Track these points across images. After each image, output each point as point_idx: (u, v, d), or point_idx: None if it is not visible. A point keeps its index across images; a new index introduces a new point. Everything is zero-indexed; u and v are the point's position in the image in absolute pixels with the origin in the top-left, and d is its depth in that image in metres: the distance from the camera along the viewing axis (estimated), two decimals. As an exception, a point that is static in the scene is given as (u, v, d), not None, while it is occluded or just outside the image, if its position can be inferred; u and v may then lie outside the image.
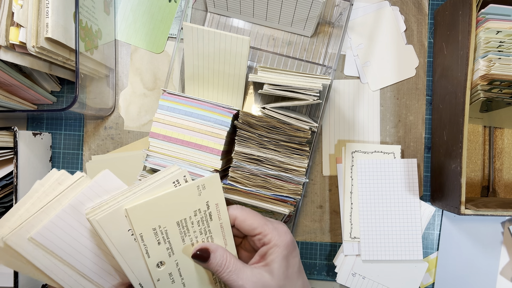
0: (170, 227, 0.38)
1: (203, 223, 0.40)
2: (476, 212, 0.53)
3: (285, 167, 0.51)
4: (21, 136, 0.57)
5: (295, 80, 0.49)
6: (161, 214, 0.37)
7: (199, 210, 0.39)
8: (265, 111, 0.51)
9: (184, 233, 0.39)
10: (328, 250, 0.66)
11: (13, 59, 0.51)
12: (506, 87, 0.55)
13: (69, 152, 0.66)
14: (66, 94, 0.66)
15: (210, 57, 0.56)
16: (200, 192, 0.38)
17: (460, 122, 0.53)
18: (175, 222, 0.38)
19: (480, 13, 0.54)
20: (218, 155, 0.50)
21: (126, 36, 0.66)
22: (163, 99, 0.51)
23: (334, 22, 0.64)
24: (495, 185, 0.66)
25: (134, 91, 0.66)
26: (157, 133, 0.51)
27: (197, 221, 0.39)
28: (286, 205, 0.51)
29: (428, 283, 0.65)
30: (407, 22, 0.66)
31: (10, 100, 0.59)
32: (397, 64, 0.66)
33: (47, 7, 0.48)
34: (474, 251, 0.64)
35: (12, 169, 0.57)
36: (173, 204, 0.38)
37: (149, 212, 0.37)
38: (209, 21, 0.65)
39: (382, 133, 0.66)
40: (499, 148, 0.65)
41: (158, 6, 0.66)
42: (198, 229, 0.40)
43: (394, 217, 0.62)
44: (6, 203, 0.59)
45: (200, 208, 0.39)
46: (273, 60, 0.65)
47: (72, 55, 0.55)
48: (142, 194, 0.37)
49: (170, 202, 0.37)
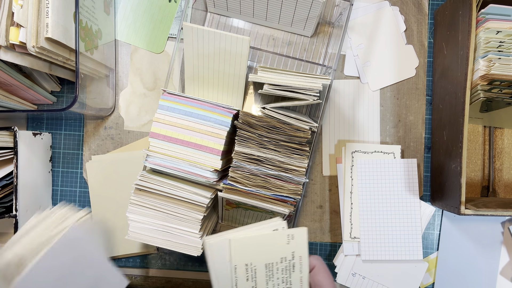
0: (259, 267, 0.43)
1: (286, 273, 0.44)
2: (476, 212, 0.53)
3: (285, 167, 0.51)
4: (21, 136, 0.57)
5: (295, 80, 0.49)
6: (255, 252, 0.43)
7: (285, 258, 0.43)
8: (265, 111, 0.51)
9: (269, 277, 0.44)
10: (328, 250, 0.66)
11: (13, 59, 0.51)
12: (506, 87, 0.55)
13: (69, 152, 0.66)
14: (66, 94, 0.66)
15: (210, 57, 0.56)
16: (288, 241, 0.43)
17: (460, 122, 0.53)
18: (264, 263, 0.43)
19: (480, 13, 0.54)
20: (218, 155, 0.50)
21: (126, 36, 0.66)
22: (163, 99, 0.51)
23: (334, 22, 0.64)
24: (495, 185, 0.66)
25: (134, 91, 0.66)
26: (157, 133, 0.51)
27: (282, 269, 0.44)
28: (286, 205, 0.51)
29: (428, 283, 0.65)
30: (407, 22, 0.66)
31: (10, 100, 0.59)
32: (397, 64, 0.66)
33: (47, 7, 0.48)
34: (474, 251, 0.64)
35: (12, 169, 0.57)
36: (266, 245, 0.43)
37: (247, 247, 0.42)
38: (209, 21, 0.65)
39: (382, 133, 0.66)
40: (499, 148, 0.65)
41: (158, 6, 0.66)
42: (281, 277, 0.44)
43: (394, 217, 0.62)
44: (6, 203, 0.59)
45: (286, 257, 0.43)
46: (273, 60, 0.65)
47: (72, 55, 0.55)
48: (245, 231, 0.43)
49: (265, 243, 0.42)
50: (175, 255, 0.66)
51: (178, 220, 0.52)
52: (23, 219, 0.57)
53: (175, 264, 0.66)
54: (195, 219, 0.52)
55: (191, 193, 0.51)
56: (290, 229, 0.43)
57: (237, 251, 0.42)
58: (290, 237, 0.43)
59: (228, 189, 0.51)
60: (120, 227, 0.64)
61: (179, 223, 0.52)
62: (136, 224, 0.53)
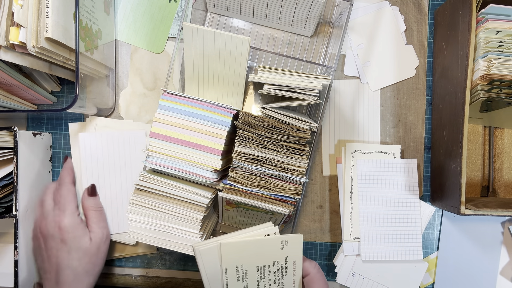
0: (250, 269, 0.44)
1: (279, 275, 0.45)
2: (476, 212, 0.53)
3: (285, 167, 0.51)
4: (21, 136, 0.57)
5: (295, 80, 0.49)
6: (246, 255, 0.44)
7: (278, 262, 0.44)
8: (265, 111, 0.51)
9: (260, 278, 0.44)
10: (328, 250, 0.66)
11: (13, 59, 0.51)
12: (506, 87, 0.55)
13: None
14: (66, 94, 0.66)
15: (210, 57, 0.56)
16: (282, 247, 0.44)
17: (460, 122, 0.53)
18: (256, 266, 0.44)
19: (480, 13, 0.54)
20: (218, 155, 0.50)
21: (126, 36, 0.66)
22: (163, 99, 0.51)
23: (334, 22, 0.64)
24: (495, 185, 0.66)
25: (134, 91, 0.66)
26: (157, 133, 0.51)
27: (274, 271, 0.45)
28: (286, 205, 0.51)
29: (428, 283, 0.65)
30: (407, 22, 0.66)
31: (10, 100, 0.59)
32: (397, 64, 0.66)
33: (47, 7, 0.48)
34: (474, 251, 0.64)
35: (12, 169, 0.57)
36: (258, 250, 0.44)
37: (237, 251, 0.43)
38: (209, 21, 0.65)
39: (382, 133, 0.66)
40: (499, 148, 0.65)
41: (158, 6, 0.66)
42: (273, 279, 0.45)
43: (394, 217, 0.62)
44: (6, 203, 0.59)
45: (279, 261, 0.44)
46: (273, 60, 0.65)
47: (72, 55, 0.55)
48: (236, 236, 0.44)
49: (256, 247, 0.43)
50: (175, 255, 0.66)
51: (178, 220, 0.52)
52: (23, 219, 0.57)
53: (175, 264, 0.66)
54: (195, 219, 0.52)
55: (191, 193, 0.51)
56: (285, 235, 0.44)
57: (228, 254, 0.43)
58: (284, 243, 0.44)
59: (228, 189, 0.51)
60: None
61: (179, 223, 0.52)
62: (136, 224, 0.53)
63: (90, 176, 0.63)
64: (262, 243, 0.44)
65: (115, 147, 0.63)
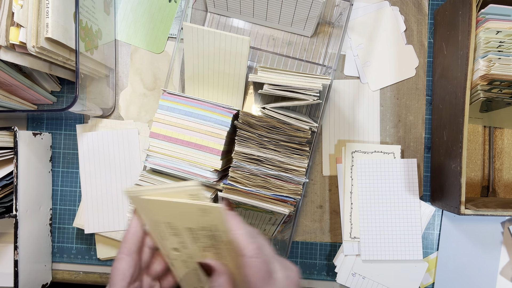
0: (181, 229, 0.40)
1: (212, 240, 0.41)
2: (476, 212, 0.53)
3: (285, 167, 0.51)
4: (21, 136, 0.57)
5: (295, 80, 0.49)
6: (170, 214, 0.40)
7: (204, 227, 0.40)
8: (265, 111, 0.51)
9: (195, 239, 0.41)
10: (328, 250, 0.66)
11: (13, 59, 0.51)
12: (506, 87, 0.55)
13: (69, 152, 0.66)
14: (66, 94, 0.66)
15: (210, 57, 0.56)
16: (203, 215, 0.39)
17: (460, 122, 0.53)
18: (185, 227, 0.40)
19: (480, 13, 0.54)
20: (218, 155, 0.50)
21: (126, 36, 0.66)
22: (163, 99, 0.51)
23: (334, 22, 0.64)
24: (495, 185, 0.66)
25: (134, 91, 0.66)
26: (157, 133, 0.51)
27: (205, 236, 0.41)
28: (286, 205, 0.51)
29: (428, 283, 0.65)
30: (407, 22, 0.66)
31: (10, 100, 0.59)
32: (397, 64, 0.66)
33: (47, 7, 0.48)
34: (474, 251, 0.64)
35: (12, 169, 0.57)
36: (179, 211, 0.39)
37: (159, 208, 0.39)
38: (209, 21, 0.65)
39: (382, 133, 0.66)
40: (499, 148, 0.65)
41: (158, 6, 0.66)
42: (209, 243, 0.41)
43: (394, 217, 0.62)
44: (6, 203, 0.59)
45: (206, 227, 0.40)
46: (273, 60, 0.65)
47: (72, 55, 0.55)
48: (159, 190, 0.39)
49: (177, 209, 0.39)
50: (175, 255, 0.66)
51: (178, 220, 0.52)
52: (23, 219, 0.57)
53: (175, 264, 0.66)
54: (195, 219, 0.52)
55: (191, 193, 0.51)
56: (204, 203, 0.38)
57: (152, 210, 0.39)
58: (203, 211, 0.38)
59: (228, 189, 0.51)
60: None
61: (179, 223, 0.52)
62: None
63: (88, 175, 0.63)
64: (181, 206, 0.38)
65: (109, 146, 0.64)
